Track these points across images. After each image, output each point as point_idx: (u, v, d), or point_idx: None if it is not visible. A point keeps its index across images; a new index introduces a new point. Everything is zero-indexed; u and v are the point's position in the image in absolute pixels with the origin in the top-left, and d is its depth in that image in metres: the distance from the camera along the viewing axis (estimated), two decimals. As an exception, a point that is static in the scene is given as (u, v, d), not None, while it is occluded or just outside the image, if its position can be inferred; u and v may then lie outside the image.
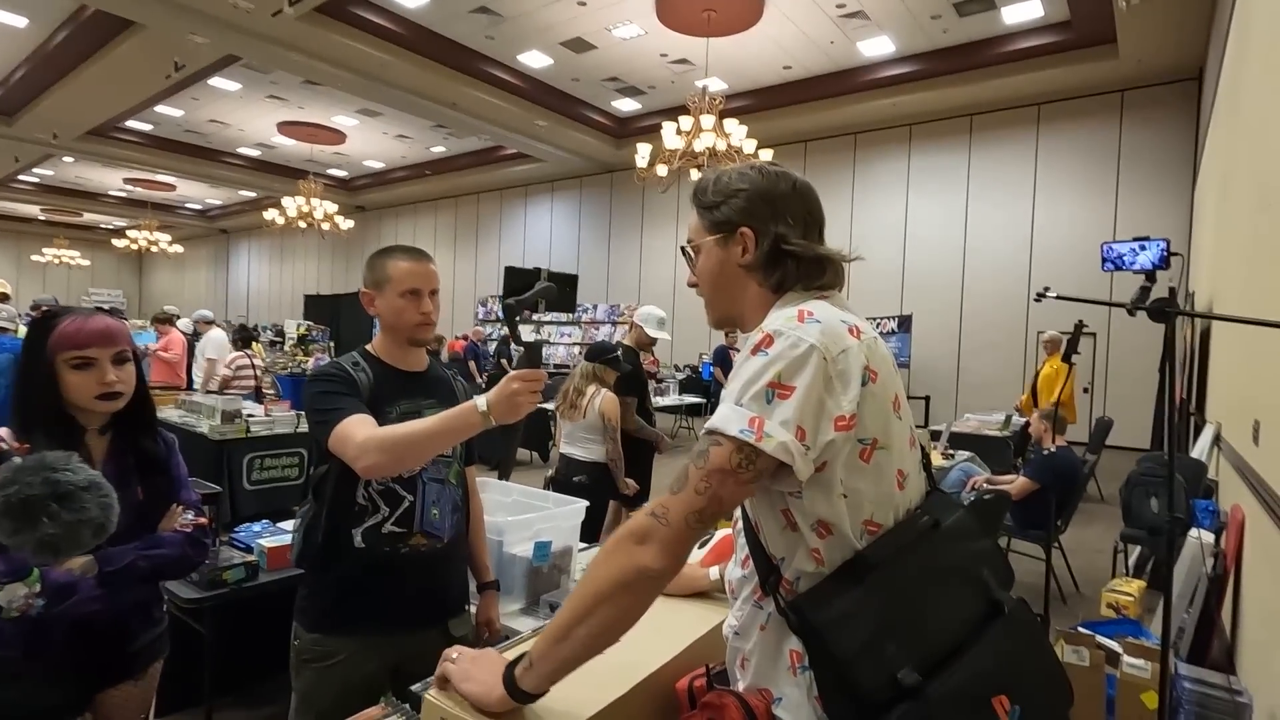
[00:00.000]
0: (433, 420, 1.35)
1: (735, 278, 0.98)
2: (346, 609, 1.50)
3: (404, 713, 1.18)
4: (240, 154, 15.56)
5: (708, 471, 0.80)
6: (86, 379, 1.31)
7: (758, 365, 0.82)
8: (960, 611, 0.83)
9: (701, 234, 1.01)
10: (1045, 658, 0.88)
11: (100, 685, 1.39)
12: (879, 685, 0.74)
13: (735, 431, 0.79)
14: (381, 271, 1.55)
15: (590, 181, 15.20)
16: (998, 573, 0.89)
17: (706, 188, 1.01)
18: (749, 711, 0.84)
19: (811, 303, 0.90)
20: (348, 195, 18.26)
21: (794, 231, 0.95)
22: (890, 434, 0.85)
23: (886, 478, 0.85)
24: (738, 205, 0.96)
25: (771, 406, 0.79)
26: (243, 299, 23.59)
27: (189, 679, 2.11)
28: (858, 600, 0.78)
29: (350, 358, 1.57)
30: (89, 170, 16.89)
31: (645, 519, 0.82)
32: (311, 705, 1.49)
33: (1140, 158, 9.41)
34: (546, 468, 6.96)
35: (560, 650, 0.84)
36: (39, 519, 0.84)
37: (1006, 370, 10.20)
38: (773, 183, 0.97)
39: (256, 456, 4.60)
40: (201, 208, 21.95)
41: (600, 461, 3.48)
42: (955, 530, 0.88)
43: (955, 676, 0.77)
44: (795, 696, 0.83)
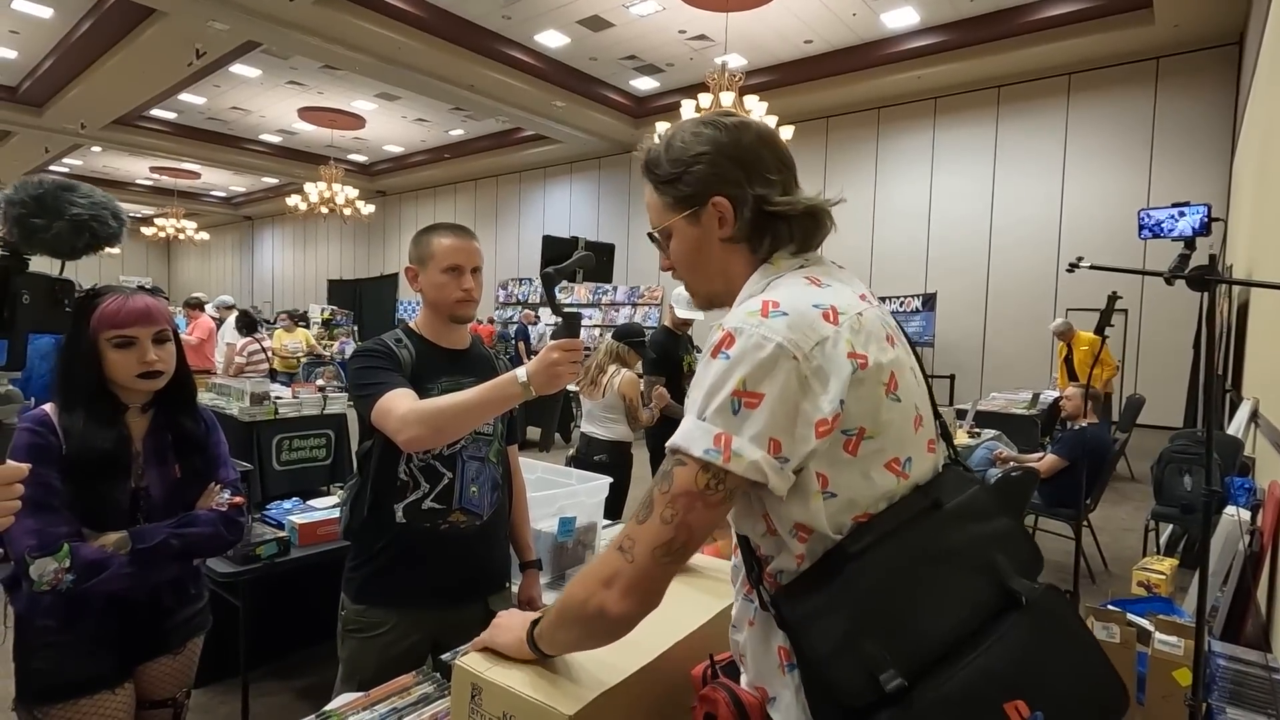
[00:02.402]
0: (473, 392, 1.36)
1: (717, 254, 0.87)
2: (388, 582, 1.53)
3: (434, 680, 1.21)
4: (262, 140, 15.69)
5: (673, 496, 0.72)
6: (128, 358, 1.33)
7: (719, 370, 0.72)
8: (963, 603, 0.72)
9: (666, 214, 0.88)
10: (1082, 656, 0.73)
11: (139, 658, 1.43)
12: (858, 689, 0.66)
13: (699, 452, 0.71)
14: (425, 248, 1.57)
15: (609, 162, 15.11)
16: (1016, 557, 0.77)
17: (659, 159, 0.87)
18: (740, 708, 0.80)
19: (783, 283, 0.80)
20: (368, 180, 18.35)
21: (774, 188, 0.84)
22: (880, 420, 0.75)
23: (876, 468, 0.75)
24: (703, 172, 0.84)
25: (739, 419, 0.70)
26: (267, 285, 23.92)
27: (225, 651, 2.17)
28: (832, 594, 0.70)
29: (394, 335, 1.59)
30: (116, 160, 17.16)
31: (614, 555, 0.75)
32: (355, 673, 1.53)
33: (1176, 128, 9.10)
34: (569, 448, 7.02)
35: (557, 640, 0.88)
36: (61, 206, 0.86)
37: (1033, 348, 10.01)
38: (735, 136, 0.84)
39: (285, 437, 4.68)
40: (226, 195, 22.23)
41: (620, 440, 3.50)
42: (961, 510, 0.77)
43: (954, 679, 0.66)
44: (787, 697, 0.77)
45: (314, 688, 2.63)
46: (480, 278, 1.61)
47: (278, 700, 2.56)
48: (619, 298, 15.08)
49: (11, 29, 10.02)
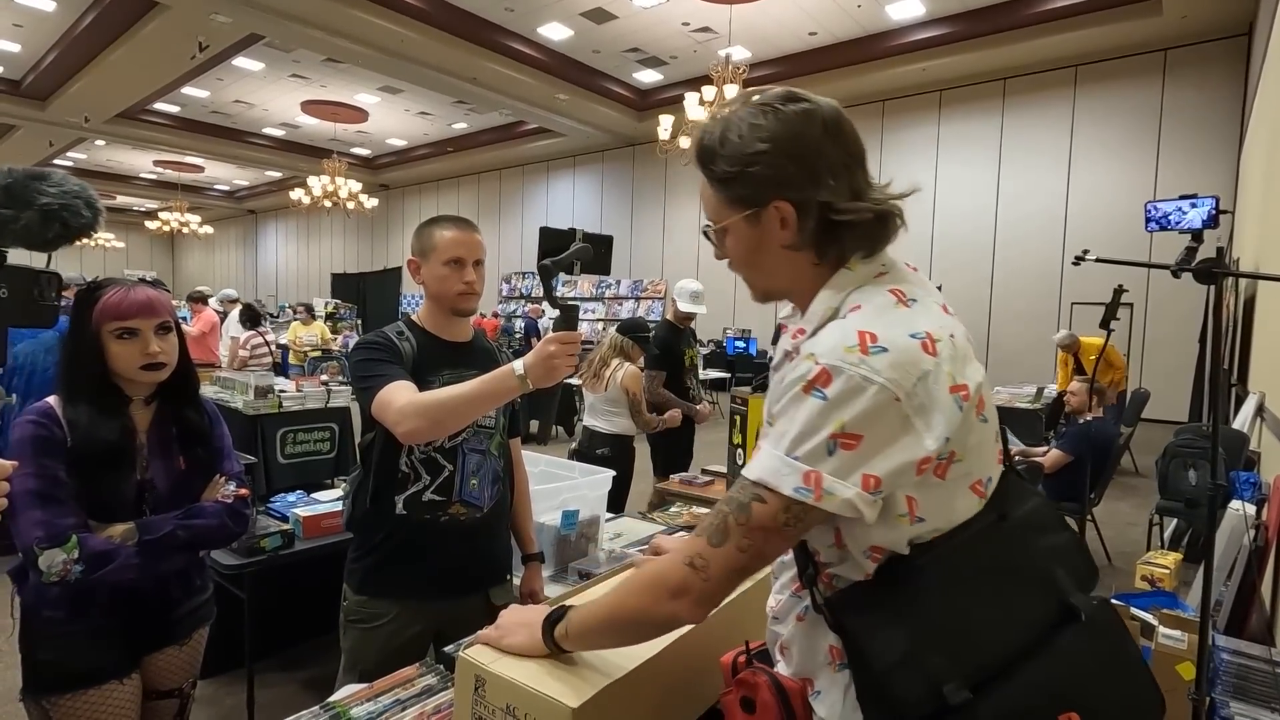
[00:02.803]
0: (472, 384, 1.36)
1: (778, 258, 0.82)
2: (389, 573, 1.54)
3: (438, 672, 1.21)
4: (265, 134, 15.69)
5: (750, 529, 0.72)
6: (130, 349, 1.33)
7: (814, 410, 0.69)
8: (1024, 617, 0.72)
9: (723, 211, 0.82)
10: (1131, 671, 0.75)
11: (145, 649, 1.44)
12: (919, 699, 0.67)
13: (789, 490, 0.69)
14: (427, 240, 1.56)
15: (612, 155, 15.07)
16: (1075, 571, 0.77)
17: (714, 151, 0.80)
18: (781, 693, 0.81)
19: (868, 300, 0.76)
20: (371, 174, 18.35)
21: (841, 190, 0.77)
22: (968, 443, 0.73)
23: (963, 490, 0.74)
24: (761, 174, 0.77)
25: (834, 459, 0.68)
26: (271, 278, 23.97)
27: (231, 642, 2.18)
28: (898, 606, 0.71)
29: (395, 327, 1.59)
30: (120, 153, 17.18)
31: (683, 570, 0.75)
32: (356, 664, 1.54)
33: (1183, 120, 9.03)
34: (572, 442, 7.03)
35: (595, 640, 0.89)
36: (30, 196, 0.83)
37: (1038, 343, 9.97)
38: (797, 129, 0.76)
39: (289, 431, 4.70)
40: (229, 189, 22.25)
41: (622, 434, 3.50)
42: (1024, 523, 0.77)
43: (1013, 692, 0.68)
44: (834, 694, 0.78)
45: (318, 679, 2.65)
46: (482, 271, 1.61)
47: (283, 691, 2.58)
48: (622, 291, 15.07)
49: (15, 22, 10.02)
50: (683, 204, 14.09)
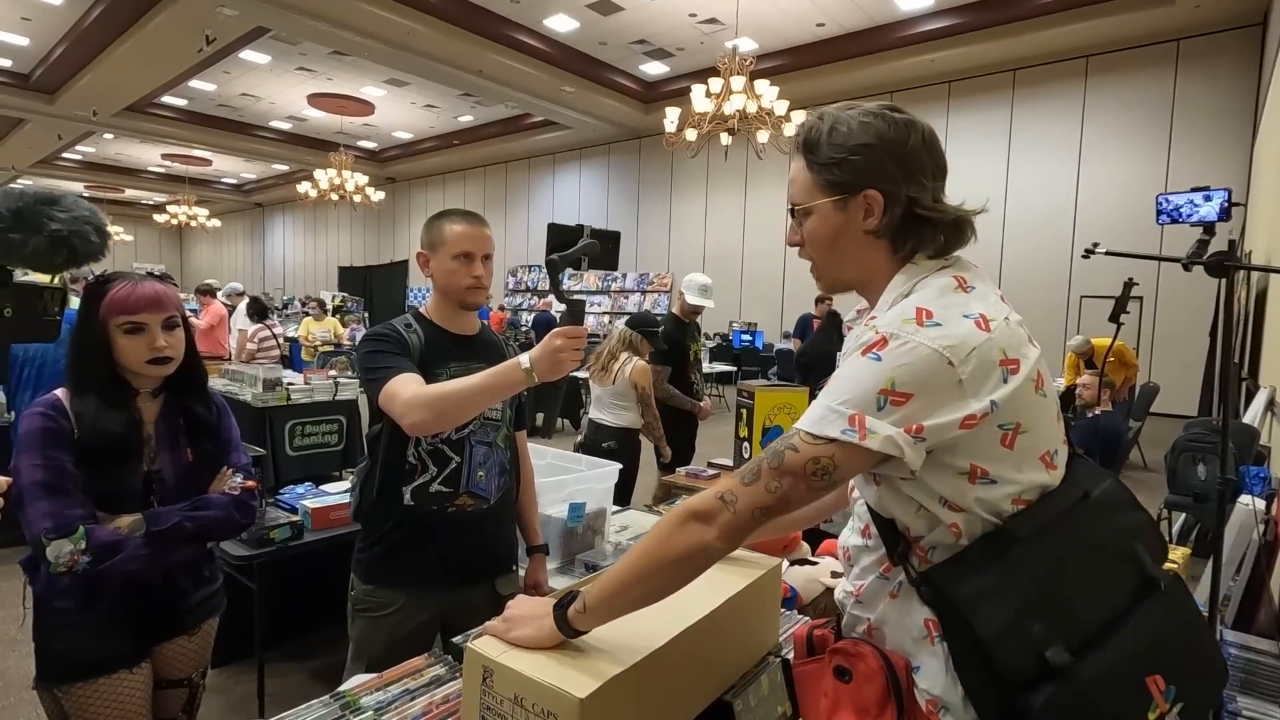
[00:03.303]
0: (477, 377, 1.37)
1: (856, 244, 0.88)
2: (396, 563, 1.55)
3: (446, 662, 1.22)
4: (272, 127, 15.71)
5: (780, 472, 0.78)
6: (137, 343, 1.34)
7: (867, 369, 0.76)
8: (1112, 588, 0.79)
9: (814, 193, 0.89)
10: (1200, 636, 0.83)
11: (156, 639, 1.46)
12: (1024, 665, 0.72)
13: (836, 433, 0.75)
14: (436, 234, 1.57)
15: (618, 148, 15.03)
16: (1152, 547, 0.83)
17: (819, 140, 0.87)
18: (888, 663, 0.84)
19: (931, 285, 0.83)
20: (377, 167, 18.36)
21: (927, 192, 0.85)
22: (1033, 416, 0.79)
23: (1030, 460, 0.80)
24: (862, 164, 0.84)
25: (882, 412, 0.74)
26: (279, 272, 24.06)
27: (240, 632, 2.20)
28: (1000, 576, 0.75)
29: (403, 319, 1.60)
30: (128, 147, 17.24)
31: (712, 500, 0.80)
32: (363, 653, 1.55)
33: (1195, 111, 8.94)
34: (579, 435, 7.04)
35: (616, 601, 0.87)
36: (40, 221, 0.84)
37: (1046, 336, 9.91)
38: (902, 134, 0.85)
39: (297, 423, 4.73)
40: (236, 182, 22.31)
41: (628, 427, 3.50)
42: (1105, 502, 0.83)
43: (1106, 656, 0.73)
44: (934, 666, 0.82)
45: (327, 669, 2.67)
46: (491, 265, 1.62)
47: (292, 681, 2.60)
48: (628, 285, 15.06)
49: (23, 15, 10.05)
50: (689, 197, 14.05)
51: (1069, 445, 0.87)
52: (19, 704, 2.38)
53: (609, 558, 1.96)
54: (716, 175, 13.46)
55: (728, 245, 13.47)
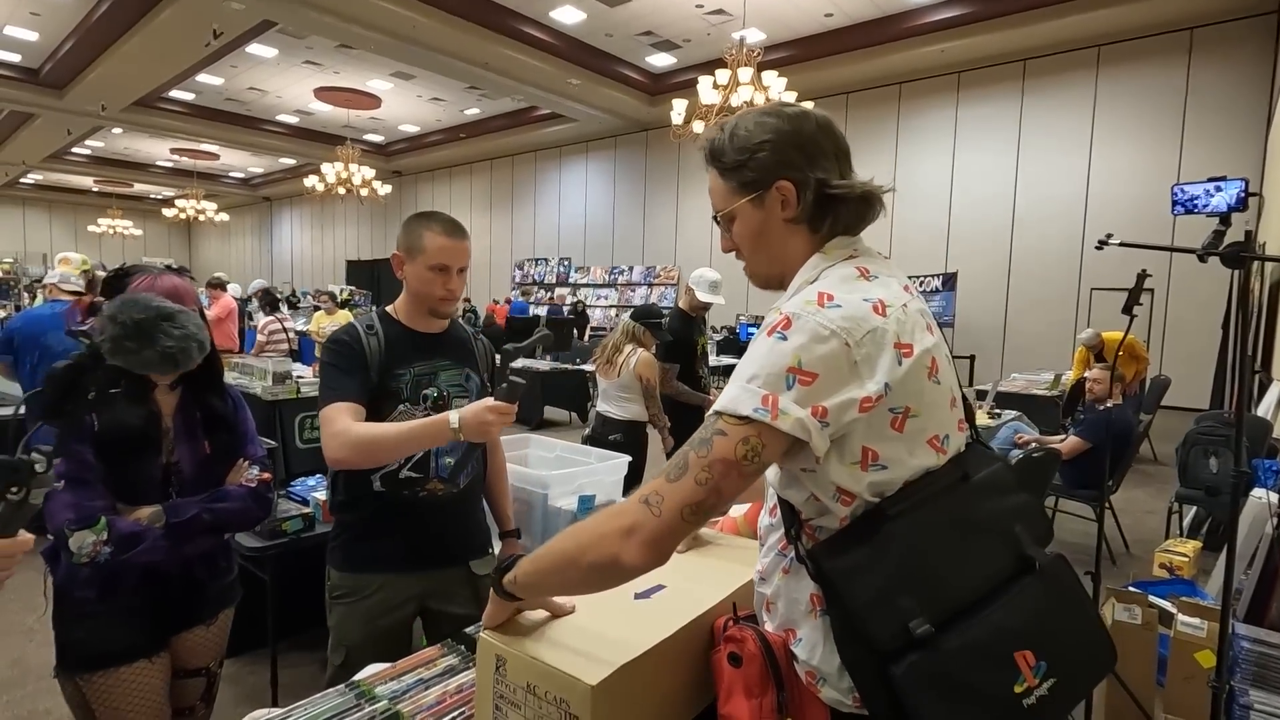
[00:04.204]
0: (406, 427, 1.43)
1: (779, 235, 0.92)
2: (371, 548, 1.56)
3: (459, 653, 1.23)
4: (279, 121, 15.73)
5: (710, 461, 0.76)
6: None
7: (773, 347, 0.78)
8: (985, 566, 0.82)
9: (730, 198, 0.94)
10: (1082, 618, 0.86)
11: (174, 629, 1.48)
12: (890, 635, 0.75)
13: (749, 411, 0.76)
14: (415, 240, 1.55)
15: (625, 141, 14.99)
16: (1034, 528, 0.87)
17: (724, 148, 0.93)
18: (766, 645, 0.88)
19: (835, 273, 0.86)
20: (384, 160, 18.37)
21: (832, 173, 0.90)
22: (924, 401, 0.82)
23: (920, 444, 0.83)
24: (767, 159, 0.89)
25: (792, 391, 0.76)
26: (287, 265, 24.14)
27: (253, 623, 2.22)
28: (871, 551, 0.78)
29: (367, 320, 1.60)
30: (137, 141, 17.31)
31: (637, 507, 0.78)
32: (342, 640, 1.57)
33: (1209, 101, 8.83)
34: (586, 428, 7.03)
35: (540, 585, 0.90)
36: (156, 335, 0.93)
37: (1055, 329, 9.85)
38: (798, 124, 0.90)
39: (307, 416, 4.74)
40: (244, 176, 22.38)
41: (634, 420, 3.50)
42: (986, 484, 0.86)
43: (973, 629, 0.76)
44: (813, 637, 0.85)
45: (339, 659, 2.70)
46: (465, 277, 1.62)
47: (304, 671, 2.63)
48: (634, 278, 15.04)
49: (32, 10, 10.08)
50: (696, 190, 14.00)
51: (973, 435, 0.92)
52: (36, 692, 2.42)
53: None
54: (723, 168, 13.41)
55: (735, 238, 13.42)
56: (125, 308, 0.91)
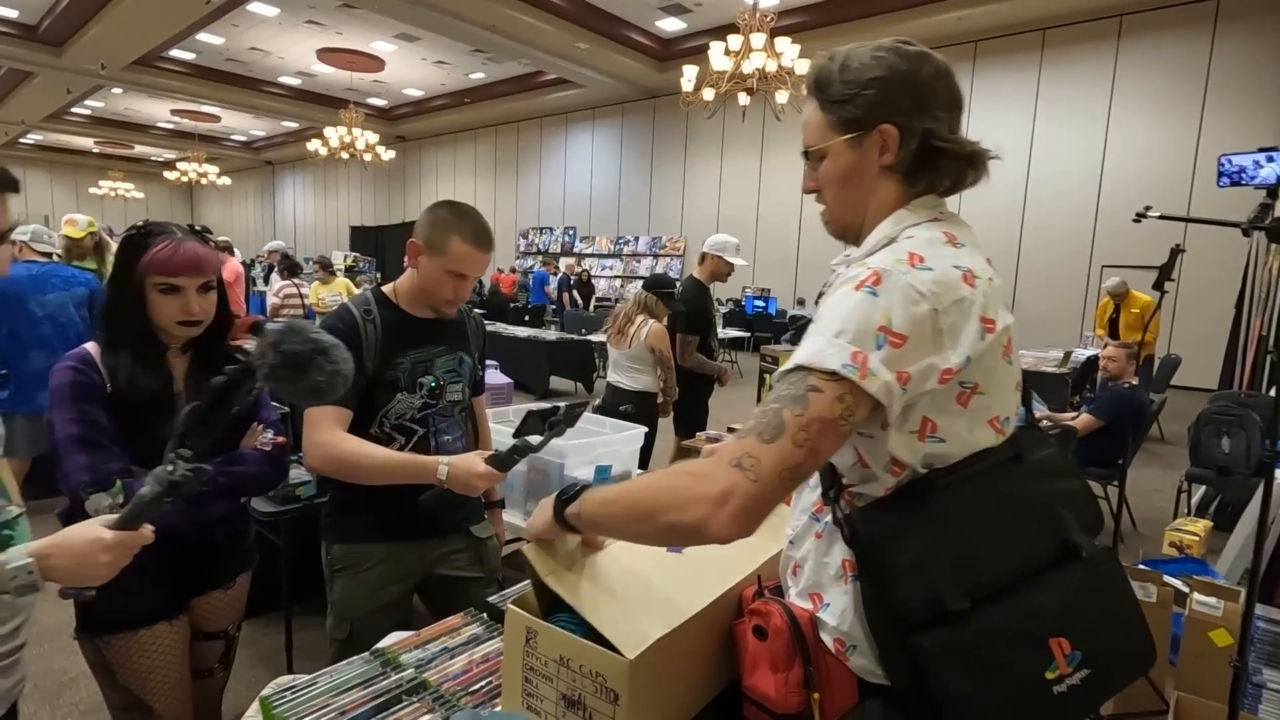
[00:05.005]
0: (392, 460, 1.43)
1: (869, 181, 0.86)
2: (372, 520, 1.55)
3: (482, 621, 1.22)
4: (281, 83, 15.49)
5: (808, 420, 0.69)
6: (170, 304, 1.32)
7: (864, 304, 0.73)
8: (1028, 548, 0.79)
9: (826, 134, 0.87)
10: (1125, 612, 0.83)
11: (192, 592, 1.47)
12: (920, 605, 0.73)
13: (837, 365, 0.70)
14: (441, 240, 1.48)
15: (632, 108, 14.74)
16: (1083, 515, 0.84)
17: (830, 79, 0.86)
18: (791, 617, 0.86)
19: (920, 234, 0.81)
20: (388, 125, 18.11)
21: (942, 124, 0.84)
22: (994, 380, 0.79)
23: (980, 423, 0.80)
24: (874, 98, 0.83)
25: (881, 351, 0.71)
26: (289, 230, 23.98)
27: (268, 586, 2.22)
28: (913, 519, 0.76)
29: (363, 302, 1.55)
30: (137, 102, 17.07)
31: (729, 471, 0.69)
32: (345, 615, 1.56)
33: (1232, 74, 8.61)
34: (591, 399, 7.02)
35: (605, 528, 0.86)
36: (309, 369, 0.94)
37: (1065, 305, 9.78)
38: (915, 65, 0.83)
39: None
40: (246, 139, 22.12)
41: (646, 391, 3.48)
42: (1038, 466, 0.83)
43: (1006, 610, 0.74)
44: (842, 603, 0.83)
45: (351, 623, 2.72)
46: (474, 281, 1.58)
47: (317, 634, 2.61)
48: (640, 248, 14.92)
49: (28, -36, 9.87)
50: (704, 159, 13.80)
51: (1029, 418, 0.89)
52: (53, 651, 2.44)
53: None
54: (732, 137, 13.20)
55: (742, 210, 13.27)
56: (288, 337, 0.93)
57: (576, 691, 0.85)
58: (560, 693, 0.86)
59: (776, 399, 0.73)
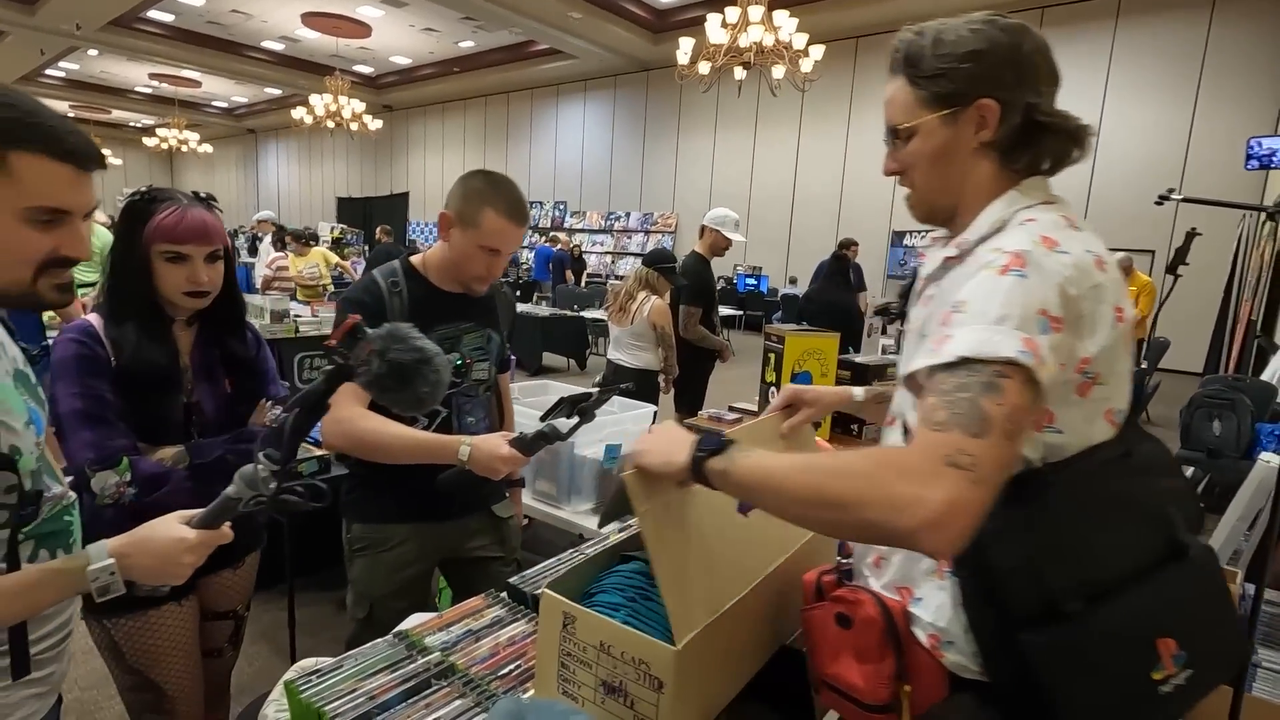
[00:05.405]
0: (412, 438, 1.37)
1: (964, 160, 0.83)
2: (394, 499, 1.52)
3: (504, 603, 1.20)
4: (263, 48, 15.05)
5: (1010, 410, 0.64)
6: (177, 274, 1.27)
7: (1018, 287, 0.70)
8: (1137, 546, 0.77)
9: (915, 111, 0.84)
10: (1225, 611, 0.83)
11: (202, 572, 1.43)
12: (1028, 602, 0.71)
13: (1013, 353, 0.65)
14: (474, 212, 1.42)
15: (625, 81, 14.50)
16: (1187, 514, 0.81)
17: (922, 54, 0.82)
18: (884, 608, 0.83)
19: (1040, 217, 0.78)
20: (374, 94, 17.71)
21: (1044, 99, 0.80)
22: (1114, 370, 0.77)
23: (1098, 415, 0.78)
24: (973, 71, 0.79)
25: (1046, 336, 0.68)
26: (273, 201, 23.51)
27: (270, 562, 2.20)
28: (1025, 515, 0.73)
29: (390, 274, 1.49)
30: (114, 64, 16.54)
31: (949, 472, 0.61)
32: (366, 595, 1.54)
33: (1229, 59, 8.61)
34: (584, 375, 7.00)
35: (764, 498, 0.75)
36: (414, 380, 0.91)
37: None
38: (1016, 38, 0.80)
39: (306, 356, 4.66)
40: (228, 106, 21.56)
41: (647, 369, 3.46)
42: (1145, 462, 0.81)
43: (1116, 610, 0.72)
44: (938, 598, 0.81)
45: (350, 599, 2.72)
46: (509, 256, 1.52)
47: (320, 610, 2.65)
48: (631, 224, 14.80)
49: (-2, -84, 9.45)
50: (697, 135, 13.65)
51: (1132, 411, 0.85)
52: (48, 627, 2.41)
53: (642, 500, 1.95)
54: (726, 113, 13.04)
55: (735, 186, 13.17)
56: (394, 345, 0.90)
57: (617, 678, 0.83)
58: (600, 679, 0.85)
59: (957, 389, 0.66)
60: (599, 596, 0.92)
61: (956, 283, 0.76)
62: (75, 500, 1.04)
